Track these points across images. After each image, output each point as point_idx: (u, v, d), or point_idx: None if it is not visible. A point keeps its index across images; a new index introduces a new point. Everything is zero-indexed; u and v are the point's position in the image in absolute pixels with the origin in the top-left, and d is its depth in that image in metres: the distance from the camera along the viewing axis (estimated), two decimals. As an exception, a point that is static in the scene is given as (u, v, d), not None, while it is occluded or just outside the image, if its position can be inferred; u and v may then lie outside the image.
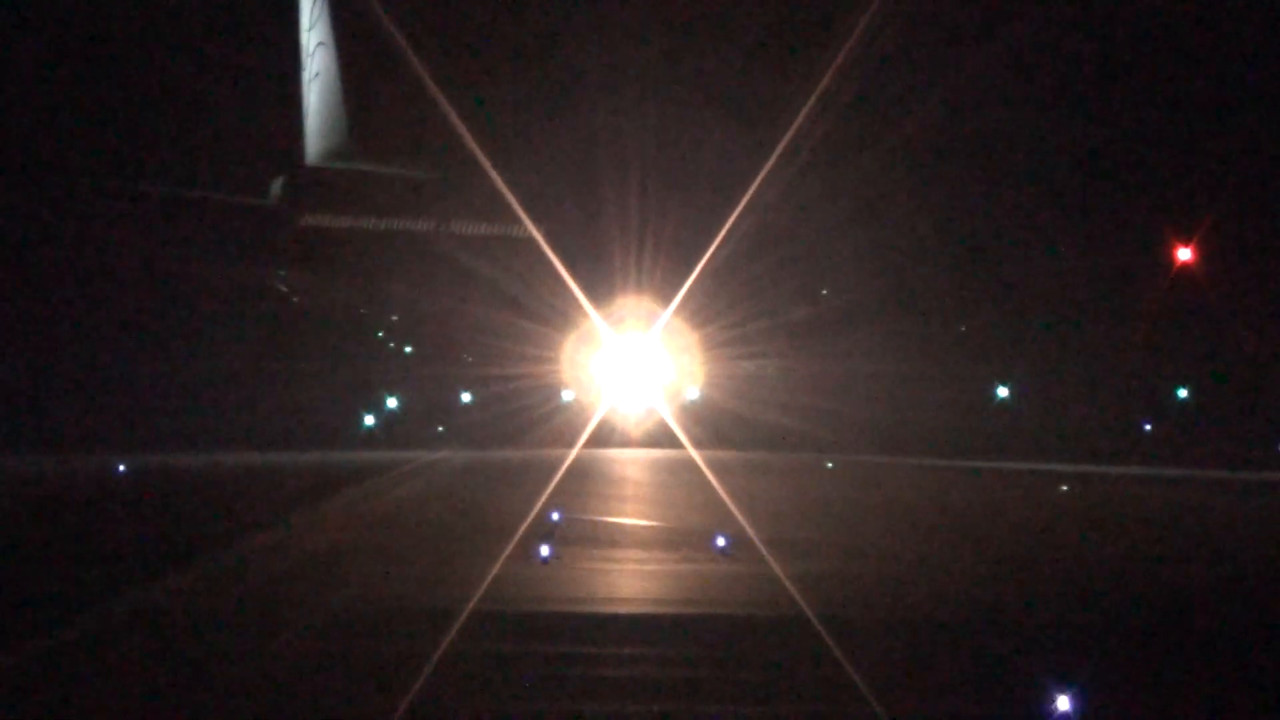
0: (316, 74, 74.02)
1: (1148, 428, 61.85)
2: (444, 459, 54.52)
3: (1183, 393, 62.33)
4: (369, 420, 62.66)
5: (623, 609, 26.16)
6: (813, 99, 56.24)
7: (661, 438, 60.15)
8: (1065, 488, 46.65)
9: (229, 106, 74.69)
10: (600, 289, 60.72)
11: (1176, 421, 61.65)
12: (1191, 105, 63.51)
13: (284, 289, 69.65)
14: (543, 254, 60.54)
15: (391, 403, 64.21)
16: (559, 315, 61.14)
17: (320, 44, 74.08)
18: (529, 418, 61.09)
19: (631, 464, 53.90)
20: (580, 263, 60.44)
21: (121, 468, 49.74)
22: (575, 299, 60.02)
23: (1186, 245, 59.62)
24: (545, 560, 30.12)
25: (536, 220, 61.30)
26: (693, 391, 62.23)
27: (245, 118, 74.58)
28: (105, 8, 75.25)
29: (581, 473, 48.76)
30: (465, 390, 64.56)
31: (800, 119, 56.39)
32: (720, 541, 31.73)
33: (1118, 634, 23.97)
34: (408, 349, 68.72)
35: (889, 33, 58.41)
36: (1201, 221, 59.89)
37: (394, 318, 68.62)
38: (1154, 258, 60.25)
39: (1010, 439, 58.75)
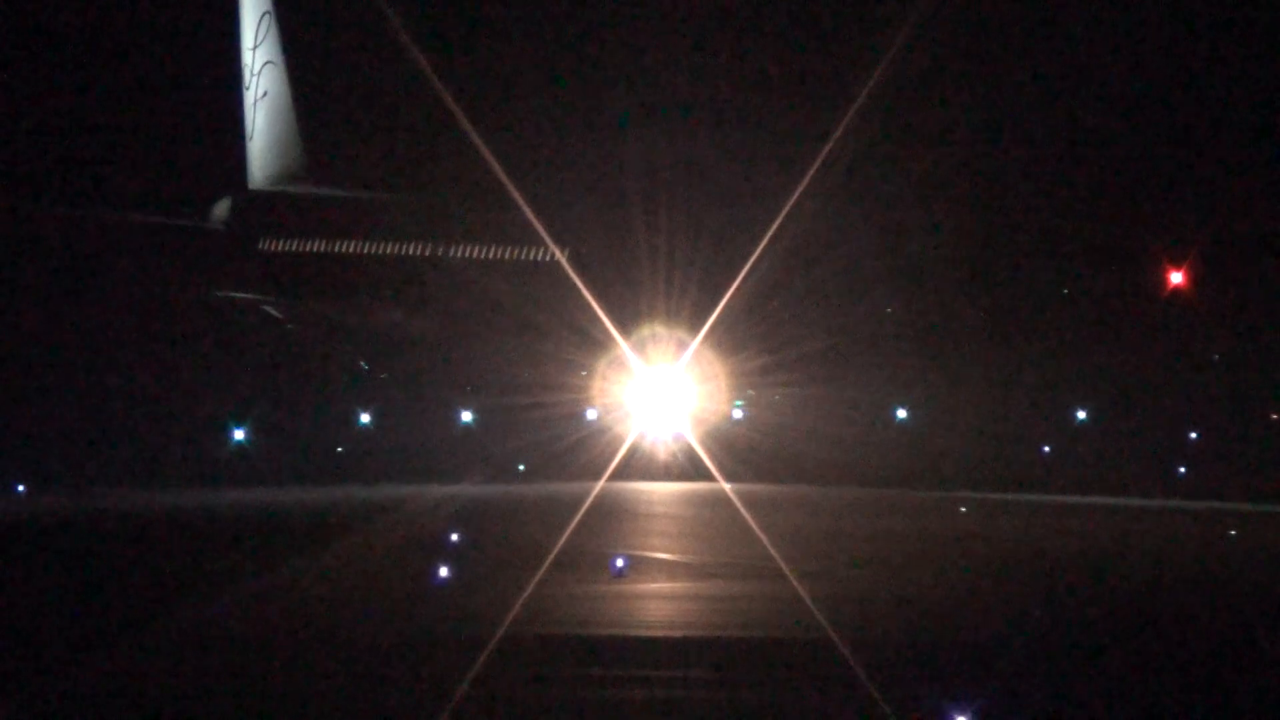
0: (264, 94, 72.72)
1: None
2: (450, 496, 52.08)
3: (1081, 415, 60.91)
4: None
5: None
6: (840, 129, 55.87)
7: (691, 469, 58.35)
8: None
9: (167, 127, 75.24)
10: (627, 315, 58.88)
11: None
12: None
13: (243, 313, 67.67)
14: (566, 279, 58.83)
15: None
16: (583, 342, 59.20)
17: (268, 63, 72.78)
18: (550, 449, 59.06)
19: (662, 503, 51.68)
20: (607, 288, 58.68)
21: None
22: (600, 324, 58.23)
23: (1178, 269, 58.91)
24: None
25: (561, 244, 59.59)
26: (723, 420, 60.22)
27: (185, 139, 74.99)
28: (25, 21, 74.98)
29: (608, 512, 46.35)
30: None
31: (828, 147, 55.93)
32: (619, 563, 31.95)
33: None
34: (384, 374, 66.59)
35: (911, 68, 58.57)
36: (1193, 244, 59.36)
37: (376, 344, 66.33)
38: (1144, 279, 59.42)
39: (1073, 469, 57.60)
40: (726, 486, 54.39)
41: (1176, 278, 59.46)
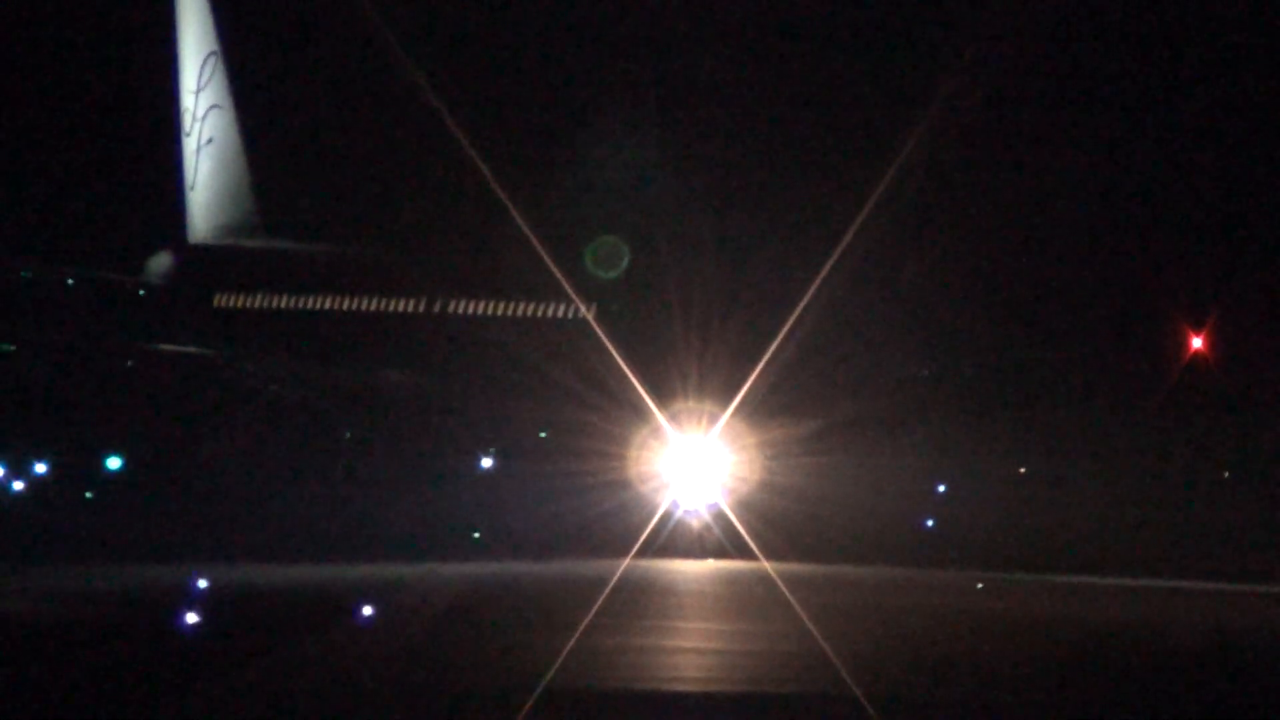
0: (209, 140, 68.08)
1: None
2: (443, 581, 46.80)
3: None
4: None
5: None
6: (874, 197, 54.34)
7: (728, 545, 53.98)
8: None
9: (94, 176, 71.90)
10: (657, 377, 54.84)
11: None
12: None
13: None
14: (591, 336, 54.70)
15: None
16: (609, 405, 54.90)
17: (214, 107, 68.07)
18: (569, 522, 54.50)
19: (697, 595, 46.66)
20: (635, 347, 54.73)
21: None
22: (628, 386, 54.12)
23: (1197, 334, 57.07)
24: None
25: (586, 299, 55.48)
26: (760, 489, 56.13)
27: (116, 189, 71.62)
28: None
29: (627, 612, 39.57)
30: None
31: (863, 215, 54.18)
32: None
33: None
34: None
35: (943, 136, 57.45)
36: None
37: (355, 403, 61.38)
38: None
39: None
40: (769, 566, 50.21)
41: (1197, 342, 57.10)
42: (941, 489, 57.82)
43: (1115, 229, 60.54)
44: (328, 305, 61.63)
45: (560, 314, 57.27)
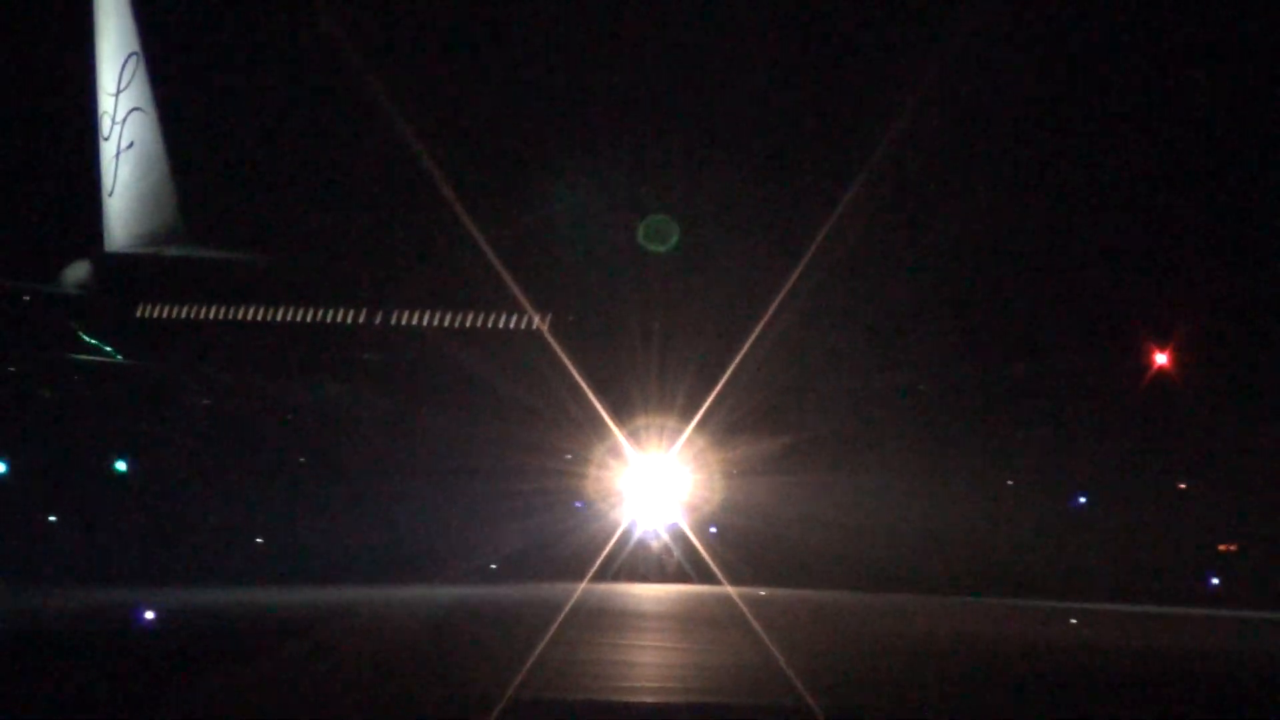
0: (130, 145, 65.36)
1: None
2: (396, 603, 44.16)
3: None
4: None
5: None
6: (840, 208, 53.17)
7: (689, 568, 52.57)
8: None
9: (14, 183, 69.43)
10: (615, 392, 52.69)
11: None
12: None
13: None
14: (545, 349, 52.47)
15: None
16: (563, 421, 52.63)
17: (135, 109, 65.36)
18: (524, 544, 52.33)
19: (657, 627, 44.08)
20: (593, 361, 52.55)
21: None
22: (584, 402, 51.97)
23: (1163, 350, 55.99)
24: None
25: (541, 310, 53.20)
26: (722, 509, 54.06)
27: (35, 196, 69.24)
28: None
29: (582, 640, 36.25)
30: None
31: (828, 226, 52.89)
32: None
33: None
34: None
35: (912, 151, 56.68)
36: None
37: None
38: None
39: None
40: (732, 591, 48.45)
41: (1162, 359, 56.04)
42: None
43: (1080, 242, 59.38)
44: (260, 316, 59.05)
45: (512, 325, 55.05)
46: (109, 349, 60.90)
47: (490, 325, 55.45)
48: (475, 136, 64.67)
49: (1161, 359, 55.47)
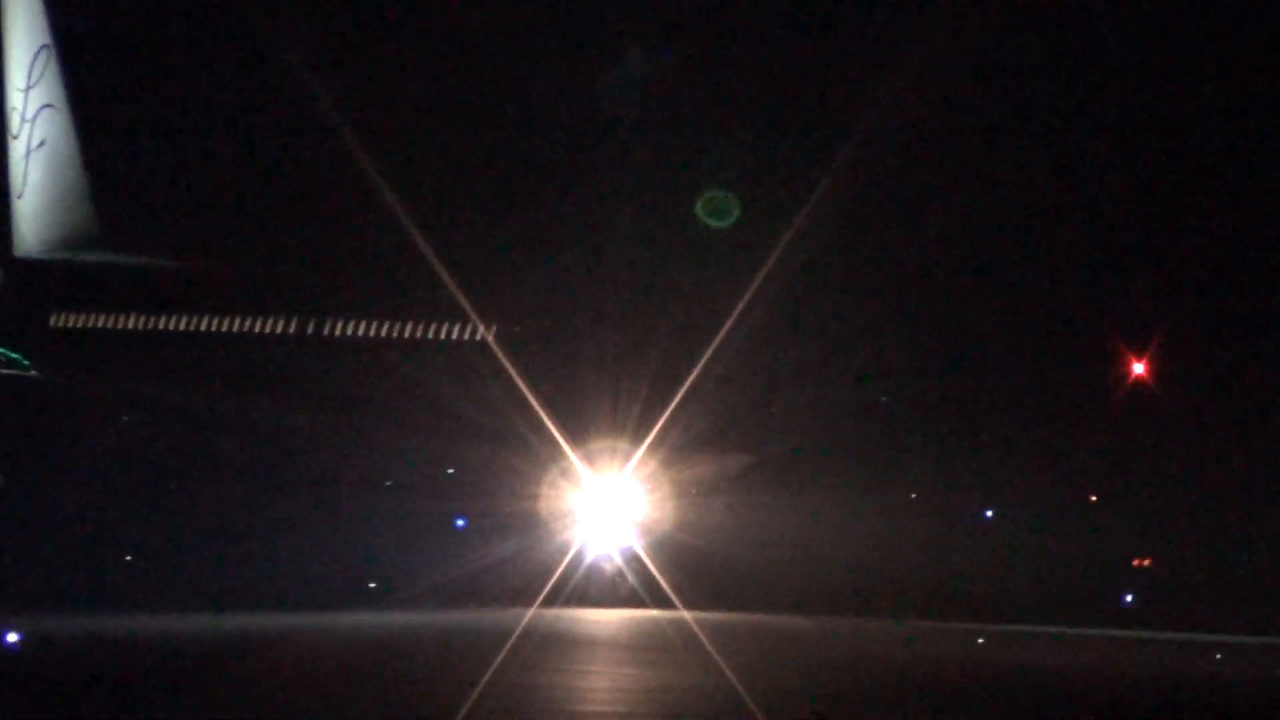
0: (41, 143, 63.58)
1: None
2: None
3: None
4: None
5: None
6: (801, 216, 52.31)
7: (642, 591, 50.70)
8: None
9: None
10: (566, 409, 50.66)
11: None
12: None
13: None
14: (491, 362, 50.41)
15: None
16: (511, 439, 50.55)
17: (47, 106, 63.64)
18: (466, 568, 50.08)
19: (608, 657, 41.81)
20: (542, 374, 50.52)
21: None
22: (534, 418, 49.91)
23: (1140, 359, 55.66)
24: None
25: (486, 321, 51.15)
26: (677, 530, 52.40)
27: None
28: None
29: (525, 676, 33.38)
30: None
31: (789, 235, 51.95)
32: None
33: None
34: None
35: (886, 156, 55.74)
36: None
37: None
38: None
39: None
40: (688, 615, 46.78)
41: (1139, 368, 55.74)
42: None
43: (1052, 254, 58.56)
44: (182, 326, 56.81)
45: (456, 336, 53.06)
46: (18, 359, 58.76)
47: (431, 335, 53.62)
48: (410, 130, 62.53)
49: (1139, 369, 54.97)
